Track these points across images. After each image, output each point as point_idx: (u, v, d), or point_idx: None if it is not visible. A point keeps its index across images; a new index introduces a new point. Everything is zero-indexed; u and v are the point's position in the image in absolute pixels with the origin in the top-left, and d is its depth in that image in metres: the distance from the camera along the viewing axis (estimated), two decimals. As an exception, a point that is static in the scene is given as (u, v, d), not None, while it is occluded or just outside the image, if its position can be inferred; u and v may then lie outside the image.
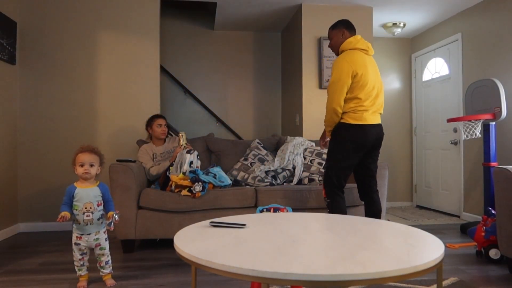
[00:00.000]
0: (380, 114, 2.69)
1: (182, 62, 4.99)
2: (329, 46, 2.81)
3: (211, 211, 3.01)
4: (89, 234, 2.20)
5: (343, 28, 2.69)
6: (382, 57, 5.36)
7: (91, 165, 2.19)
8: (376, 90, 2.61)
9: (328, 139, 2.84)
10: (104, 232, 2.27)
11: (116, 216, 2.18)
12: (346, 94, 2.55)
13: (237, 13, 4.45)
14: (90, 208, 2.17)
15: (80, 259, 2.21)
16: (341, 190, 2.62)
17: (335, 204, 2.58)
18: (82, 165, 2.17)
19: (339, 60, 2.56)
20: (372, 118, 2.59)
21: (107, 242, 2.27)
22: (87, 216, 2.16)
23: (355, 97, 2.54)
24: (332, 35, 2.74)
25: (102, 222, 2.25)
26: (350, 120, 2.55)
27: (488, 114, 3.44)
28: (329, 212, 2.62)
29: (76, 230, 2.19)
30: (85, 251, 2.22)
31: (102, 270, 2.28)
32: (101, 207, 2.22)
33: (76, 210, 2.15)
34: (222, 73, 5.09)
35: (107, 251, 2.26)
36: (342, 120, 2.59)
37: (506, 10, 3.74)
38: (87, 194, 2.17)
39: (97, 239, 2.22)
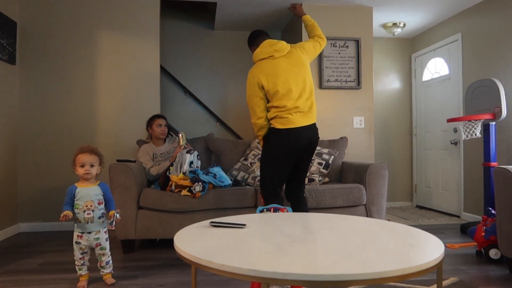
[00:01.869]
0: (314, 113, 2.58)
1: (182, 62, 4.99)
2: None
3: (211, 211, 3.01)
4: (90, 233, 2.21)
5: (250, 47, 2.75)
6: (382, 57, 5.36)
7: (92, 166, 2.21)
8: (297, 91, 2.49)
9: None
10: (105, 232, 2.28)
11: (118, 215, 2.20)
12: (268, 101, 2.54)
13: (237, 13, 4.45)
14: (91, 206, 2.19)
15: (80, 259, 2.22)
16: (277, 196, 2.58)
17: None
18: (82, 166, 2.19)
19: (248, 76, 2.58)
20: (302, 120, 2.48)
21: (108, 242, 2.28)
22: (87, 214, 2.18)
23: (274, 103, 2.51)
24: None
25: (103, 222, 2.26)
26: (278, 125, 2.49)
27: (488, 114, 3.44)
28: None
29: (77, 229, 2.21)
30: (85, 251, 2.23)
31: (102, 270, 2.29)
32: (102, 206, 2.24)
33: (77, 208, 2.18)
34: (222, 73, 5.09)
35: (107, 251, 2.27)
36: (271, 126, 2.55)
37: (506, 10, 3.74)
38: (88, 193, 2.20)
39: (97, 238, 2.23)
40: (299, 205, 2.67)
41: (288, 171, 2.58)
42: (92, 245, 2.23)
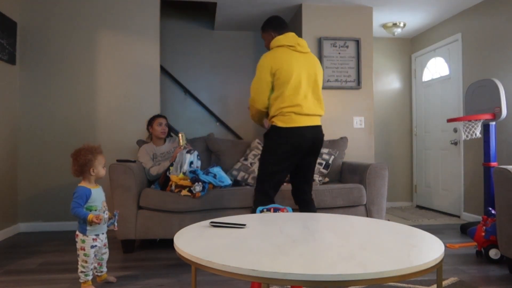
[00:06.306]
0: (320, 115, 2.52)
1: (182, 62, 4.98)
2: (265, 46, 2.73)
3: (211, 211, 3.01)
4: (103, 233, 2.22)
5: (270, 31, 2.60)
6: (382, 57, 5.36)
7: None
8: (307, 90, 2.45)
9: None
10: None
11: (116, 217, 2.21)
12: (273, 92, 2.45)
13: (237, 13, 4.45)
14: (105, 206, 2.23)
15: (92, 263, 2.17)
16: (270, 200, 2.45)
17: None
18: (104, 166, 2.22)
19: (260, 59, 2.48)
20: (305, 119, 2.42)
21: None
22: (106, 214, 2.20)
23: (280, 95, 2.41)
24: (263, 37, 2.67)
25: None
26: (279, 123, 2.41)
27: (488, 114, 3.44)
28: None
29: (92, 232, 2.15)
30: (96, 252, 2.20)
31: (101, 270, 2.27)
32: None
33: (96, 210, 2.15)
34: (222, 73, 5.09)
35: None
36: (272, 123, 2.47)
37: (506, 10, 3.74)
38: (100, 194, 2.22)
39: (106, 237, 2.26)
40: (309, 208, 2.60)
41: (287, 172, 2.50)
42: (101, 245, 2.21)
